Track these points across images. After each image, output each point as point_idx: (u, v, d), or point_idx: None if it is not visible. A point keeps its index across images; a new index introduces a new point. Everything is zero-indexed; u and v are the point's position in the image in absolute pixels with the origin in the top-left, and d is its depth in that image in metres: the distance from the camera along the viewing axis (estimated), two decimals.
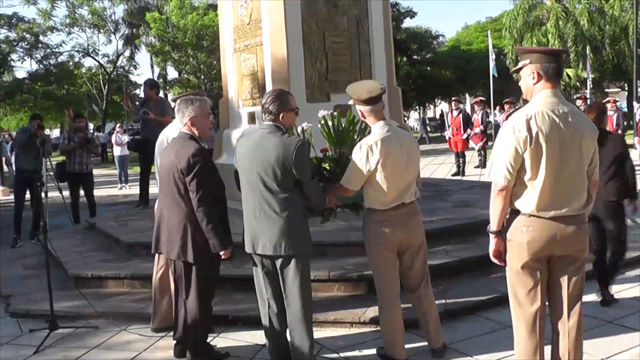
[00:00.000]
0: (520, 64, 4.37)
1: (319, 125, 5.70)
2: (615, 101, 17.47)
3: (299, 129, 5.49)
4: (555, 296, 4.23)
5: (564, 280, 4.17)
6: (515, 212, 4.21)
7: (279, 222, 4.78)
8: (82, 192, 12.08)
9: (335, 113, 5.80)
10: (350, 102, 5.14)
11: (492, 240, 4.36)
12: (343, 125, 5.69)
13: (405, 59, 50.09)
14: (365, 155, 4.89)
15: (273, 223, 4.79)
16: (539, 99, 4.11)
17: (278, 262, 4.87)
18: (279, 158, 4.70)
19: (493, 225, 4.32)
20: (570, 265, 4.15)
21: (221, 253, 5.14)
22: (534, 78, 4.17)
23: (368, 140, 4.95)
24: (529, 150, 3.95)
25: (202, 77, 40.52)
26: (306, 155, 4.91)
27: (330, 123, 5.67)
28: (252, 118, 9.96)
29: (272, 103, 4.88)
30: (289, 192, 4.79)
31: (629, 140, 18.74)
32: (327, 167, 5.48)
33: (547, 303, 4.27)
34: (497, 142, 4.17)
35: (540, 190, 4.00)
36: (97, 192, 12.76)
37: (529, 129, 3.95)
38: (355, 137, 5.63)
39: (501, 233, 4.32)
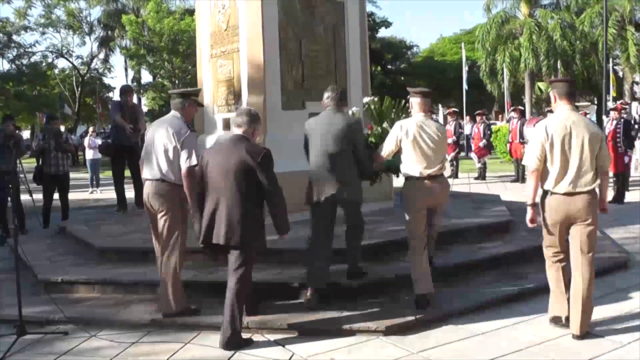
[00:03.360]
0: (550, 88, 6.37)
1: (364, 109, 7.90)
2: (586, 114, 17.67)
3: (350, 112, 7.29)
4: (574, 247, 5.81)
5: (577, 236, 5.78)
6: (544, 192, 5.87)
7: (342, 176, 6.48)
8: (56, 195, 11.99)
9: (376, 99, 7.91)
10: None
11: (529, 210, 5.94)
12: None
13: (379, 68, 50.34)
14: (395, 132, 6.57)
15: (337, 176, 6.47)
16: (556, 111, 5.97)
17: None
18: (344, 130, 6.48)
19: (529, 200, 5.94)
20: (581, 226, 5.74)
21: (284, 236, 6.01)
22: (555, 98, 6.02)
23: (402, 121, 6.69)
24: (548, 145, 5.70)
25: (177, 81, 40.31)
26: (361, 130, 6.86)
27: (372, 107, 7.77)
28: (227, 124, 9.92)
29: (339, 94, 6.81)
30: (349, 155, 6.52)
31: None
32: (373, 140, 7.30)
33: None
34: (531, 140, 6.02)
35: (556, 172, 5.72)
36: (69, 196, 12.64)
37: (546, 131, 5.74)
38: (392, 116, 7.66)
39: (534, 205, 5.92)
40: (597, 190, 5.82)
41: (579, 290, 5.71)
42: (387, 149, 6.66)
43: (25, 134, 59.49)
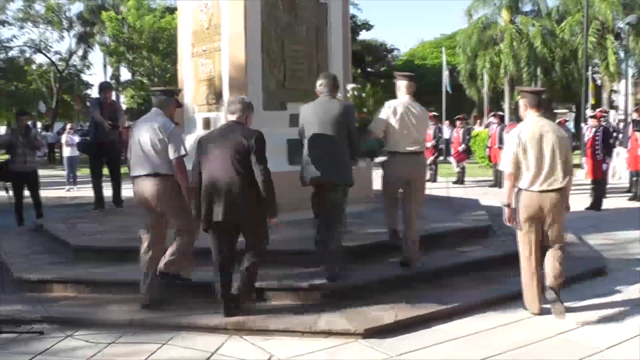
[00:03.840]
0: (518, 98, 7.00)
1: (348, 95, 8.56)
2: (565, 121, 17.81)
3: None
4: (546, 242, 6.55)
5: (550, 229, 6.50)
6: (519, 190, 6.50)
7: (339, 160, 6.93)
8: (27, 193, 11.86)
9: (359, 86, 8.80)
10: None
11: (505, 210, 6.62)
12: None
13: (359, 70, 50.39)
14: (385, 111, 7.34)
15: (335, 159, 6.91)
16: (526, 119, 6.61)
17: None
18: (340, 115, 6.89)
19: (505, 200, 6.61)
20: (552, 219, 6.45)
21: (273, 220, 6.30)
22: (525, 107, 6.65)
23: (390, 102, 7.49)
24: (521, 149, 6.37)
25: (156, 79, 40.08)
26: (354, 114, 7.34)
27: (356, 93, 8.38)
28: (207, 124, 9.88)
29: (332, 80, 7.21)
30: (344, 138, 6.93)
31: (576, 160, 19.15)
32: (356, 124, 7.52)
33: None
34: (505, 147, 6.85)
35: (531, 172, 6.37)
36: (44, 193, 12.51)
37: (519, 137, 6.41)
38: (371, 104, 8.66)
39: (509, 205, 6.57)
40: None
41: (555, 270, 6.45)
42: (378, 126, 7.37)
43: (1, 130, 58.95)
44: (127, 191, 13.37)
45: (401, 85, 7.60)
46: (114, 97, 14.73)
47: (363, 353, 5.62)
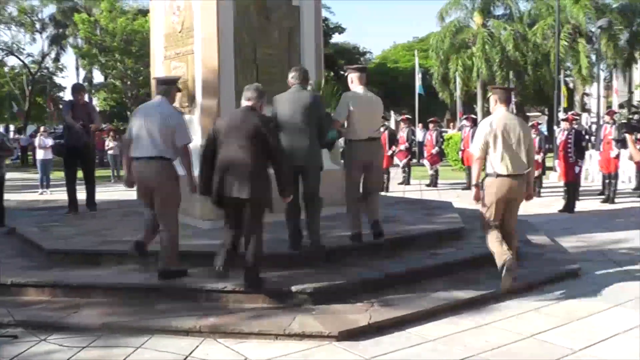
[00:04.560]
0: (489, 94, 8.00)
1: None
2: (538, 124, 17.98)
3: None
4: (507, 219, 7.53)
5: (511, 211, 7.57)
6: (488, 175, 7.42)
7: (310, 146, 7.51)
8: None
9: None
10: None
11: (473, 189, 7.54)
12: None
13: (332, 73, 50.46)
14: (345, 101, 8.00)
15: (307, 146, 7.48)
16: (496, 112, 7.54)
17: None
18: (311, 104, 7.55)
19: (473, 180, 7.60)
20: (515, 202, 7.56)
21: (286, 199, 7.01)
22: (495, 102, 7.61)
23: (348, 92, 8.13)
24: (492, 136, 7.26)
25: (129, 82, 39.90)
26: (323, 103, 8.18)
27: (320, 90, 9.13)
28: None
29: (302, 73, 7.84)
30: (314, 126, 7.56)
31: (549, 162, 19.37)
32: None
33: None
34: (476, 133, 7.58)
35: (499, 158, 7.25)
36: (17, 197, 12.40)
37: (491, 125, 7.31)
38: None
39: (477, 185, 7.46)
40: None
41: (512, 241, 7.57)
42: (342, 115, 7.98)
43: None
44: (100, 194, 13.35)
45: (354, 77, 8.21)
46: (87, 99, 14.60)
47: (337, 355, 5.64)
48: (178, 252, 7.23)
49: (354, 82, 8.19)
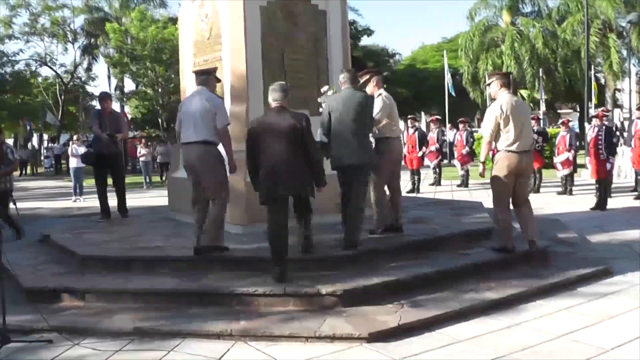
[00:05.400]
0: (489, 80, 8.60)
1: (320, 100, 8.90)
2: (568, 121, 17.82)
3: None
4: (518, 193, 8.27)
5: (521, 185, 8.32)
6: (502, 152, 8.09)
7: (362, 143, 8.04)
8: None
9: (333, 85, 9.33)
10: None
11: (480, 166, 8.57)
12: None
13: None
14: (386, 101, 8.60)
15: (359, 143, 7.96)
16: (502, 95, 8.16)
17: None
18: (364, 103, 8.08)
19: (481, 158, 8.53)
20: (525, 177, 8.40)
21: (323, 188, 7.43)
22: (499, 86, 8.24)
23: (383, 93, 8.69)
24: (503, 119, 7.95)
25: (159, 90, 40.27)
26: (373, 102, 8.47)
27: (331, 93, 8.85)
28: None
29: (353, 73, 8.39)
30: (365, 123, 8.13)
31: (580, 160, 19.16)
32: None
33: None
34: (488, 116, 8.18)
35: (511, 137, 7.95)
36: (51, 204, 12.57)
37: (501, 108, 7.96)
38: None
39: (484, 163, 8.52)
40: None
41: (528, 217, 8.38)
42: (383, 115, 8.52)
43: (9, 142, 58.75)
44: (133, 201, 13.50)
45: (377, 79, 8.80)
46: (117, 108, 14.75)
47: (367, 357, 5.66)
48: (222, 229, 7.88)
49: (378, 84, 8.72)
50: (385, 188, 8.82)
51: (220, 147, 7.87)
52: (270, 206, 7.22)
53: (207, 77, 8.05)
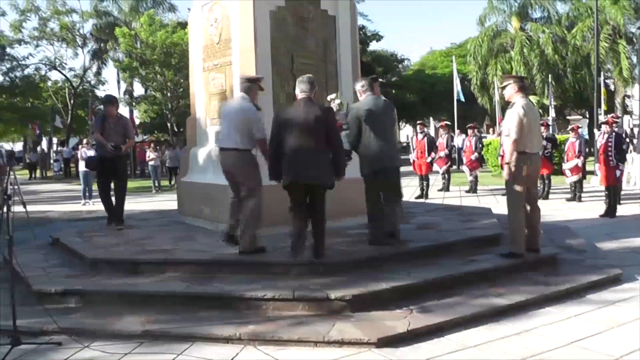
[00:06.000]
0: (505, 83, 8.69)
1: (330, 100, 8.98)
2: (578, 128, 17.80)
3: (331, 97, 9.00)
4: (530, 192, 8.53)
5: (533, 186, 8.68)
6: (521, 154, 8.18)
7: (394, 145, 8.72)
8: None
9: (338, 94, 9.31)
10: None
11: (506, 167, 8.40)
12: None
13: None
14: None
15: (393, 146, 8.65)
16: (518, 99, 8.33)
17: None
18: (390, 108, 8.69)
19: (506, 159, 8.35)
20: (534, 177, 8.68)
21: (342, 178, 7.69)
22: (515, 89, 8.42)
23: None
24: (526, 120, 8.09)
25: (169, 94, 40.37)
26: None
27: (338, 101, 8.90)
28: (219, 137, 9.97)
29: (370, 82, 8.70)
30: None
31: (589, 166, 19.12)
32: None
33: None
34: (513, 118, 8.17)
35: (529, 140, 8.19)
36: (61, 208, 12.61)
37: (524, 109, 8.16)
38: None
39: (509, 164, 8.28)
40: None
41: (536, 219, 8.60)
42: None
43: (18, 146, 59.38)
44: (142, 204, 13.52)
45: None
46: (126, 112, 14.63)
47: None
48: (256, 231, 8.10)
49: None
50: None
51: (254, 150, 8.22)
52: (292, 189, 7.63)
53: (250, 86, 8.25)
